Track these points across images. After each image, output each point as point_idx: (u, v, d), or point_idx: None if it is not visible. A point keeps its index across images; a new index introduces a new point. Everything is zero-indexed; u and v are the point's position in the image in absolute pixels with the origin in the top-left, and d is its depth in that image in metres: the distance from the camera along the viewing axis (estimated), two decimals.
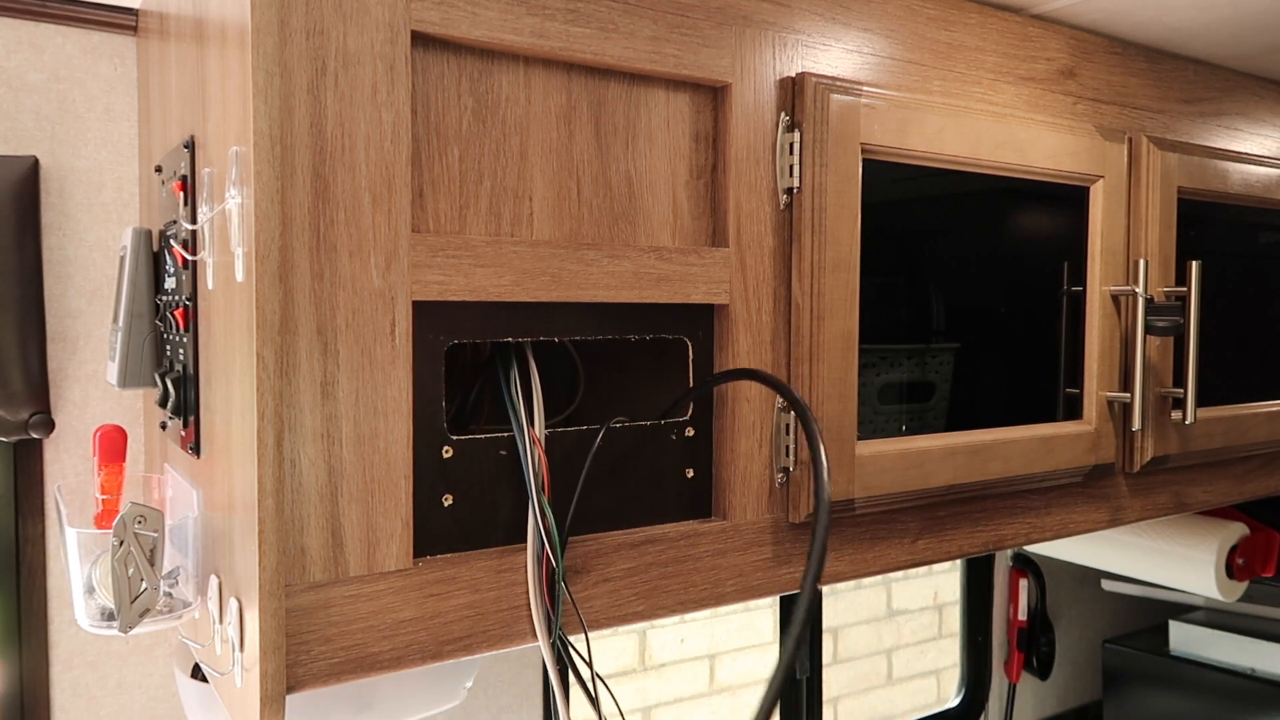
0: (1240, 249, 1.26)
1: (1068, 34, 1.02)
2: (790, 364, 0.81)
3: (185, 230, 0.73)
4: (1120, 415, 1.04)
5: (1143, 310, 1.02)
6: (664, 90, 0.76)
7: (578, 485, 0.73)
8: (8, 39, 0.92)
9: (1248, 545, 1.49)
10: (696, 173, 0.78)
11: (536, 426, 0.70)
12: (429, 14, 0.64)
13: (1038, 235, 1.03)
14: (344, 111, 0.61)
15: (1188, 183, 1.10)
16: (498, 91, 0.69)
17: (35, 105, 0.93)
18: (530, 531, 0.69)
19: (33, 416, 0.91)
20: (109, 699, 0.98)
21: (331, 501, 0.62)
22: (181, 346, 0.76)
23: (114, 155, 0.97)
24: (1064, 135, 0.98)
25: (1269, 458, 1.25)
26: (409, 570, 0.65)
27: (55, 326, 0.94)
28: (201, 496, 0.73)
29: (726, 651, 1.97)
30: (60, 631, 0.95)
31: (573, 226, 0.72)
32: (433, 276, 0.65)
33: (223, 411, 0.66)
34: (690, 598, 0.78)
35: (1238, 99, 1.21)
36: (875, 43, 0.87)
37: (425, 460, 0.67)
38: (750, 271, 0.78)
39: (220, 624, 0.67)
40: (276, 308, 0.57)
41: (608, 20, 0.71)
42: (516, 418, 0.70)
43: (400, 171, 0.63)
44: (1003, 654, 1.74)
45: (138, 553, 0.66)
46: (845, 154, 0.81)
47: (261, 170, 0.56)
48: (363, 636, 0.63)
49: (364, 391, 0.63)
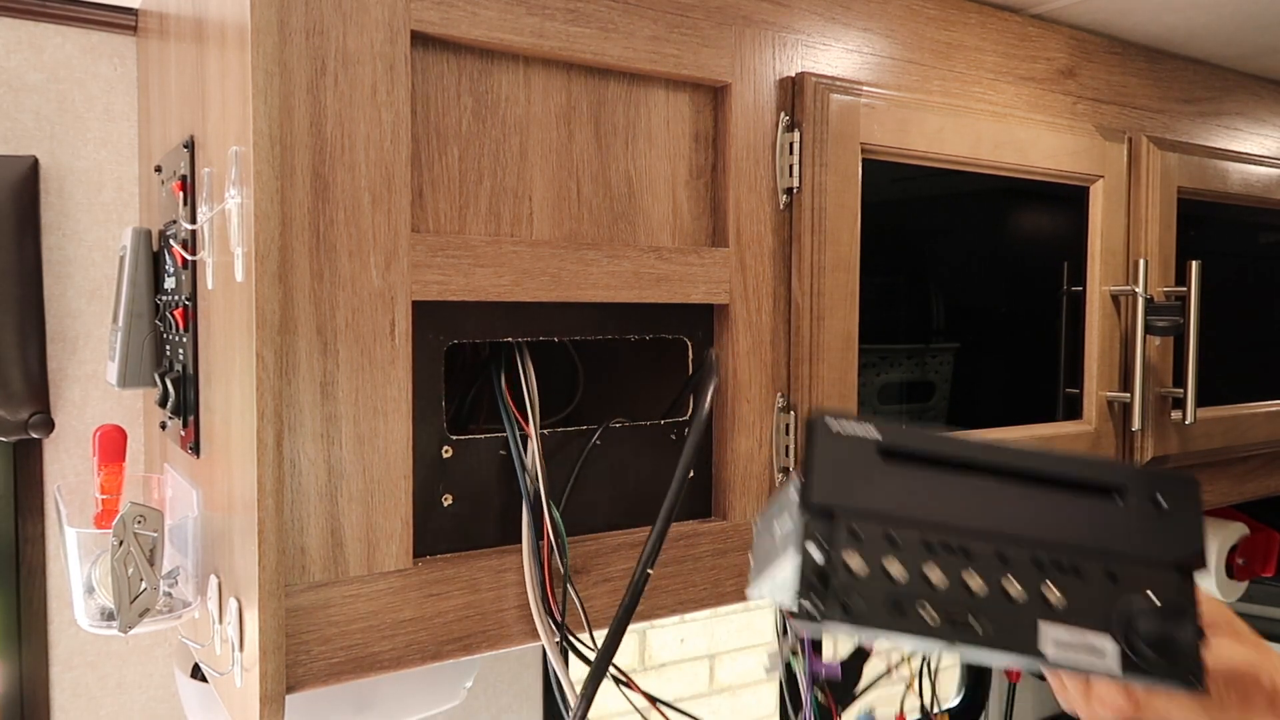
0: (1240, 249, 1.26)
1: (1068, 34, 1.02)
2: (790, 364, 0.81)
3: (185, 230, 0.73)
4: (1120, 415, 1.04)
5: (1143, 310, 1.02)
6: (664, 90, 0.76)
7: (568, 484, 0.73)
8: (8, 39, 0.92)
9: (1248, 545, 1.49)
10: (696, 173, 0.78)
11: (532, 423, 0.70)
12: (429, 14, 0.64)
13: (1038, 235, 1.03)
14: (344, 111, 0.61)
15: (1188, 183, 1.10)
16: (497, 91, 0.69)
17: (35, 105, 0.93)
18: (525, 529, 0.69)
19: (33, 416, 0.91)
20: (109, 699, 0.98)
21: (331, 501, 0.62)
22: (181, 346, 0.76)
23: (114, 155, 0.97)
24: (1064, 135, 0.98)
25: (1269, 458, 1.25)
26: (409, 570, 0.65)
27: (55, 326, 0.94)
28: (201, 496, 0.73)
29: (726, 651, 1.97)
30: (60, 631, 0.95)
31: (572, 226, 0.72)
32: (432, 276, 0.65)
33: (222, 411, 0.65)
34: (690, 598, 0.78)
35: (1238, 99, 1.21)
36: (875, 43, 0.86)
37: (425, 460, 0.67)
38: (750, 271, 0.78)
39: (220, 624, 0.67)
40: (276, 308, 0.57)
41: (608, 20, 0.71)
42: (507, 416, 0.70)
43: (400, 171, 0.63)
44: None
45: (138, 553, 0.66)
46: (845, 154, 0.81)
47: (261, 170, 0.56)
48: (362, 636, 0.63)
49: (364, 391, 0.63)
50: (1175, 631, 0.48)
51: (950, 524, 0.49)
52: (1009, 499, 0.50)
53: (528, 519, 0.69)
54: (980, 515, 0.49)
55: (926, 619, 0.47)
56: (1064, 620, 0.48)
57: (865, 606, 0.46)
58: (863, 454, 0.48)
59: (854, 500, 0.48)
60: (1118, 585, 0.49)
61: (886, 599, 0.47)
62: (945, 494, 0.49)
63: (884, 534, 0.48)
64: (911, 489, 0.49)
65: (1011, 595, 0.48)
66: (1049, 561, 0.49)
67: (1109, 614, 0.48)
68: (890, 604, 0.47)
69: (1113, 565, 0.50)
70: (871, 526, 0.47)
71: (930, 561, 0.48)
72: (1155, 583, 0.49)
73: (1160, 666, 0.48)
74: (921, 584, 0.47)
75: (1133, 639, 0.48)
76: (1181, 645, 0.48)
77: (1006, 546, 0.49)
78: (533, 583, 0.69)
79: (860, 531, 0.47)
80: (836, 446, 0.48)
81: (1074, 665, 0.48)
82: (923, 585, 0.47)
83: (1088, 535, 0.50)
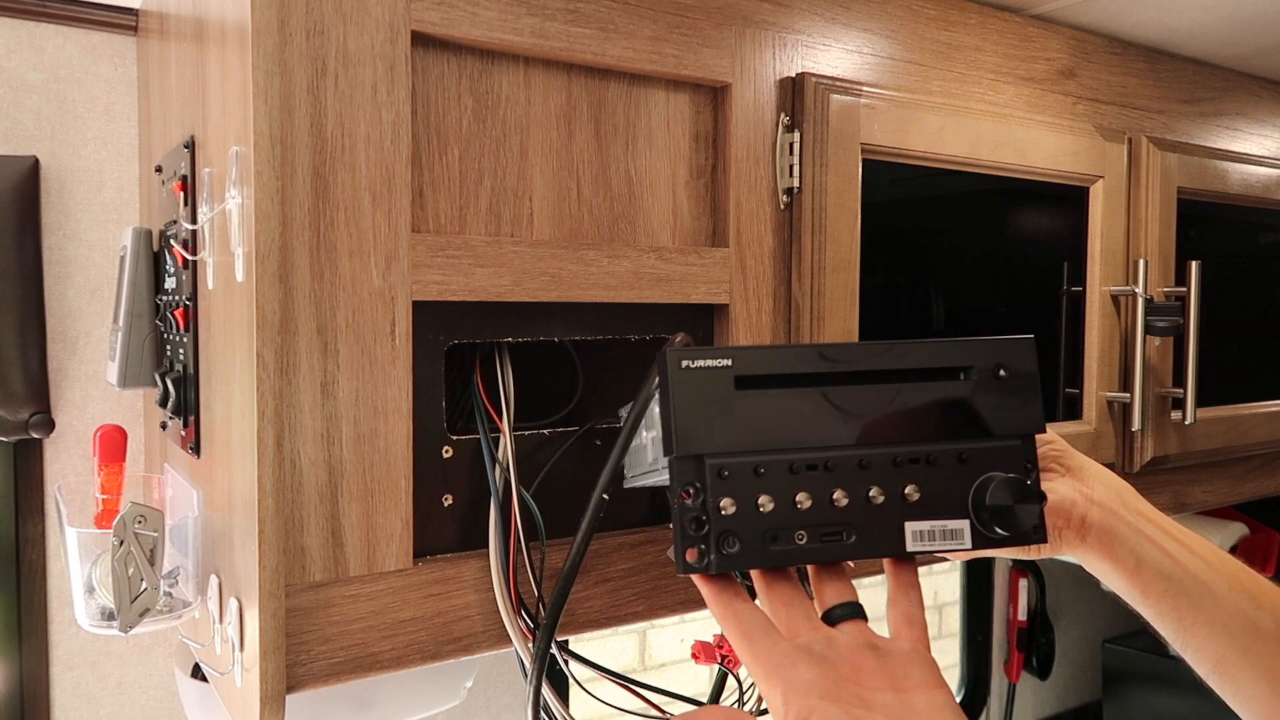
0: (1240, 249, 1.26)
1: (1068, 34, 1.02)
2: None
3: (185, 230, 0.73)
4: (1120, 415, 1.04)
5: (1143, 310, 1.02)
6: (664, 90, 0.76)
7: (539, 481, 0.72)
8: (8, 39, 0.92)
9: (1248, 545, 1.49)
10: (696, 173, 0.78)
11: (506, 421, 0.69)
12: (429, 14, 0.64)
13: (1038, 235, 1.03)
14: (344, 111, 0.61)
15: (1187, 183, 1.10)
16: (498, 91, 0.69)
17: (35, 105, 0.93)
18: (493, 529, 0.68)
19: (33, 416, 0.91)
20: (109, 699, 0.98)
21: (331, 501, 0.62)
22: (181, 346, 0.76)
23: (114, 155, 0.97)
24: (1064, 135, 0.98)
25: (1269, 458, 1.25)
26: (409, 570, 0.65)
27: (55, 326, 0.94)
28: (201, 496, 0.73)
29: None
30: (60, 631, 0.95)
31: (572, 226, 0.72)
32: (433, 276, 0.65)
33: (223, 411, 0.66)
34: (690, 598, 0.78)
35: (1238, 99, 1.21)
36: (875, 43, 0.87)
37: (425, 460, 0.67)
38: (750, 271, 0.78)
39: (220, 624, 0.67)
40: (276, 308, 0.57)
41: (608, 20, 0.71)
42: (480, 416, 0.69)
43: (400, 171, 0.63)
44: (1003, 654, 1.74)
45: (138, 553, 0.66)
46: (845, 154, 0.81)
47: (261, 170, 0.56)
48: (363, 636, 0.63)
49: (364, 391, 0.63)
50: (1018, 500, 0.51)
51: (811, 442, 0.50)
52: (864, 403, 0.51)
53: (495, 518, 0.68)
54: (839, 426, 0.50)
55: (801, 544, 0.49)
56: (925, 515, 0.51)
57: (743, 547, 0.48)
58: (719, 386, 0.49)
59: (716, 440, 0.48)
60: (967, 466, 0.52)
61: (763, 534, 0.48)
62: (803, 411, 0.50)
63: (751, 468, 0.49)
64: (770, 413, 0.49)
65: (876, 502, 0.50)
66: (905, 459, 0.51)
67: (962, 499, 0.52)
68: (767, 538, 0.48)
69: (962, 449, 0.52)
70: (738, 462, 0.48)
71: (797, 487, 0.49)
72: (1000, 456, 0.52)
73: (1005, 537, 0.51)
74: (792, 511, 0.49)
75: (982, 515, 0.51)
76: (1022, 514, 0.51)
77: (866, 453, 0.50)
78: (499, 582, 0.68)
79: (727, 469, 0.48)
80: (691, 384, 0.48)
81: (933, 551, 0.51)
82: (793, 512, 0.49)
83: (939, 424, 0.52)
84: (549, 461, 0.72)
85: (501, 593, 0.67)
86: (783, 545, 0.49)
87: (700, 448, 0.48)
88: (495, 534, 0.68)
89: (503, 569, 0.68)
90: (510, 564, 0.68)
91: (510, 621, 0.68)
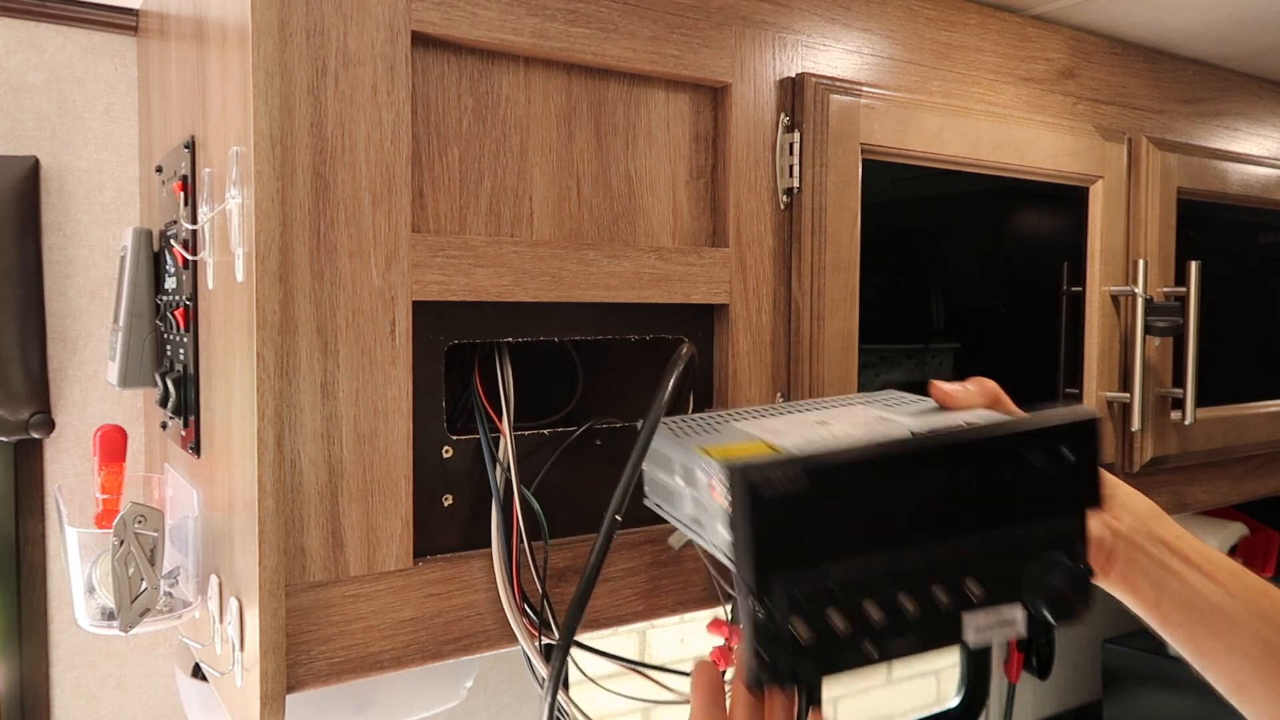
0: (1240, 249, 1.26)
1: (1067, 34, 1.02)
2: (790, 364, 0.81)
3: (185, 230, 0.73)
4: (1120, 415, 1.05)
5: (1142, 310, 1.02)
6: (664, 90, 0.76)
7: (543, 480, 0.72)
8: (8, 39, 0.92)
9: (1248, 545, 1.49)
10: (696, 173, 0.78)
11: (506, 421, 0.69)
12: (429, 14, 0.64)
13: (1037, 235, 1.03)
14: (344, 111, 0.61)
15: (1187, 183, 1.10)
16: (498, 91, 0.69)
17: (35, 105, 0.93)
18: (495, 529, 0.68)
19: (33, 416, 0.91)
20: (109, 699, 0.98)
21: (331, 501, 0.62)
22: (182, 346, 0.76)
23: (114, 155, 0.97)
24: (1064, 135, 0.98)
25: (1269, 458, 1.25)
26: (409, 570, 0.65)
27: (55, 326, 0.94)
28: (201, 496, 0.73)
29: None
30: (60, 631, 0.95)
31: (572, 226, 0.72)
32: (433, 276, 0.65)
33: (223, 411, 0.66)
34: (690, 598, 0.78)
35: (1237, 99, 1.21)
36: (875, 43, 0.87)
37: (425, 460, 0.67)
38: (750, 272, 0.78)
39: (220, 624, 0.67)
40: (276, 308, 0.57)
41: (608, 20, 0.71)
42: (480, 416, 0.70)
43: (400, 171, 0.63)
44: (1002, 654, 1.74)
45: (138, 553, 0.66)
46: (845, 154, 0.82)
47: (261, 170, 0.56)
48: (363, 636, 0.63)
49: (364, 391, 0.63)
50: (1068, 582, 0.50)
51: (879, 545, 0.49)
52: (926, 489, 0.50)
53: (497, 518, 0.68)
54: (904, 523, 0.49)
55: (867, 654, 0.48)
56: (983, 607, 0.50)
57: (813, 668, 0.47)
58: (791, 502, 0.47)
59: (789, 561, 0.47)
60: (1023, 554, 0.51)
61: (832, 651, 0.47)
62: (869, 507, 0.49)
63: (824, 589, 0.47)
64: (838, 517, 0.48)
65: (940, 603, 0.49)
66: (968, 555, 0.50)
67: (1017, 587, 0.51)
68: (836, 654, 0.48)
69: (1020, 537, 0.51)
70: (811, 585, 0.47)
71: (868, 599, 0.48)
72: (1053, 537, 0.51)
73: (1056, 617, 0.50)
74: (862, 626, 0.48)
75: (1034, 600, 0.50)
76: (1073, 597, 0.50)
77: (932, 551, 0.49)
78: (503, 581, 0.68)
79: (802, 597, 0.47)
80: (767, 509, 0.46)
81: (991, 641, 0.50)
82: (863, 626, 0.48)
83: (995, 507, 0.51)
84: (549, 461, 0.72)
85: (506, 592, 0.68)
86: (852, 657, 0.48)
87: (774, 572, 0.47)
88: (497, 533, 0.68)
89: (506, 568, 0.68)
90: (514, 563, 0.68)
91: (515, 620, 0.68)
